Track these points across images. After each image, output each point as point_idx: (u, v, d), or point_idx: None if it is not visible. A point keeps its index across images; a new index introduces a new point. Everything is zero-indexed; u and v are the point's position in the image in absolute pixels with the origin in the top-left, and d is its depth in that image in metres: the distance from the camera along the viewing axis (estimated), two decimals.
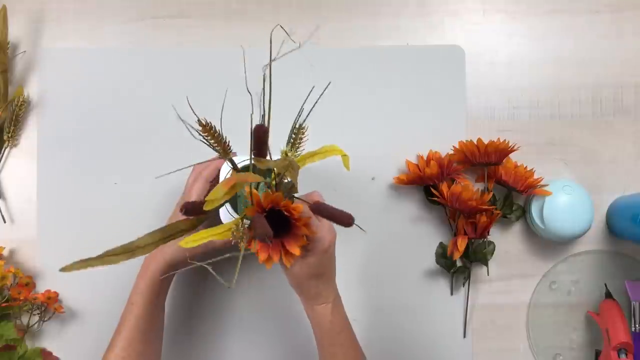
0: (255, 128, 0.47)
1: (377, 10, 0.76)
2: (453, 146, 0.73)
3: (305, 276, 0.55)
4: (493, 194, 0.72)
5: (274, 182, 0.50)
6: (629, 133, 0.76)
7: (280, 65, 0.51)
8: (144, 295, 0.60)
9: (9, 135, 0.73)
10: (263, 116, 0.48)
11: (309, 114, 0.50)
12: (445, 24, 0.76)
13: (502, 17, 0.77)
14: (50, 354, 0.71)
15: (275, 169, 0.49)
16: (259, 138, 0.47)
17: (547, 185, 0.71)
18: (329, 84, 0.53)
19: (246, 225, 0.47)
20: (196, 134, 0.47)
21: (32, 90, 0.74)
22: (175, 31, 0.75)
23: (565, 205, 0.70)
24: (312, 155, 0.50)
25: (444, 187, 0.70)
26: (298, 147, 0.51)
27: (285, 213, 0.47)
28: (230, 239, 0.47)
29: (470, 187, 0.70)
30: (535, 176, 0.71)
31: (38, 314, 0.71)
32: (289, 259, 0.48)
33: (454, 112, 0.75)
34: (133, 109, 0.74)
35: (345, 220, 0.47)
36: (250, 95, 0.48)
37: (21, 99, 0.72)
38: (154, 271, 0.59)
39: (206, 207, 0.44)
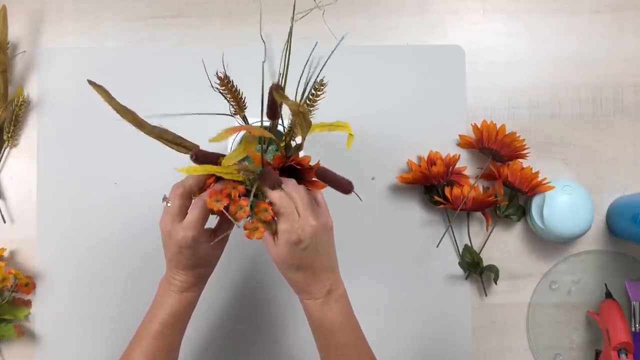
0: (272, 86, 0.46)
1: (376, 10, 0.76)
2: (459, 135, 0.74)
3: (283, 266, 0.52)
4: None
5: (283, 144, 0.51)
6: (629, 133, 0.76)
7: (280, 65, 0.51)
8: (166, 309, 0.56)
9: (9, 135, 0.73)
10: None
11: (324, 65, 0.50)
12: (445, 24, 0.76)
13: (502, 16, 0.77)
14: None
15: (286, 126, 0.50)
16: (274, 100, 0.47)
17: (549, 181, 0.72)
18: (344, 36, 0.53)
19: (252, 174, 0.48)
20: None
21: (32, 90, 0.74)
22: (175, 31, 0.75)
23: (565, 205, 0.70)
24: (322, 125, 0.51)
25: (447, 190, 0.71)
26: (314, 105, 0.50)
27: (297, 166, 0.50)
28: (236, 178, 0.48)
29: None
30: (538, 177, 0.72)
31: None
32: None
33: (454, 112, 0.75)
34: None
35: (345, 186, 0.48)
36: (266, 56, 0.49)
37: (21, 99, 0.72)
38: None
39: (225, 162, 0.45)
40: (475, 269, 0.72)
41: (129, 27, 0.76)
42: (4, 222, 0.73)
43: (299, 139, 0.51)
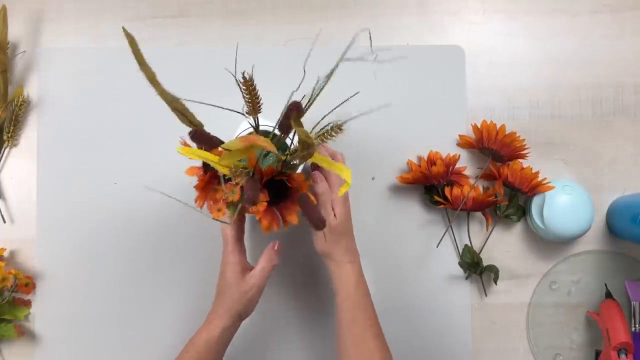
0: (291, 104, 0.48)
1: (377, 10, 0.76)
2: (459, 135, 0.74)
3: (338, 232, 0.60)
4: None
5: (284, 157, 0.51)
6: (629, 133, 0.76)
7: (281, 65, 0.51)
8: (203, 349, 0.58)
9: (9, 135, 0.73)
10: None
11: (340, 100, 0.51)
12: (445, 24, 0.76)
13: (503, 17, 0.77)
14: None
15: (294, 143, 0.51)
16: (289, 113, 0.48)
17: (549, 181, 0.71)
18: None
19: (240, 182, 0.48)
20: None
21: (32, 90, 0.74)
22: (175, 31, 0.75)
23: (565, 205, 0.70)
24: (323, 159, 0.51)
25: (447, 190, 0.71)
26: (324, 140, 0.51)
27: (286, 182, 0.50)
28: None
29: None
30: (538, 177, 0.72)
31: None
32: (286, 224, 0.52)
33: (454, 112, 0.75)
34: (133, 109, 0.74)
35: (317, 223, 0.49)
36: (304, 72, 0.50)
37: (21, 99, 0.72)
38: (217, 326, 0.59)
39: (225, 154, 0.46)
40: (475, 269, 0.72)
41: (129, 27, 0.74)
42: (4, 222, 0.73)
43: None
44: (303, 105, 0.48)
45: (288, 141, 0.59)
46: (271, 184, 0.51)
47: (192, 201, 0.51)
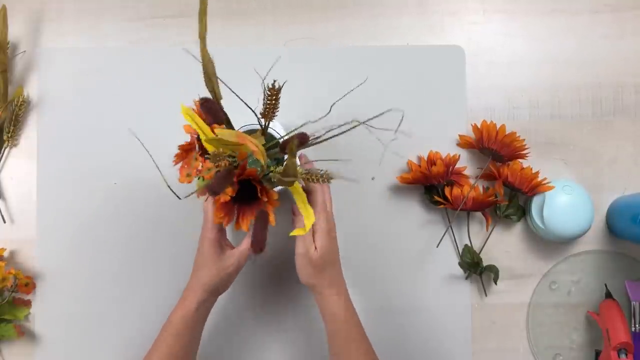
0: (296, 135, 0.49)
1: (377, 10, 0.76)
2: (459, 135, 0.73)
3: (320, 265, 0.58)
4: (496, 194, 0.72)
5: (270, 170, 0.51)
6: (629, 133, 0.76)
7: (281, 65, 0.51)
8: (180, 325, 0.59)
9: (9, 135, 0.73)
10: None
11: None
12: (445, 24, 0.76)
13: (502, 17, 0.77)
14: None
15: (282, 175, 0.50)
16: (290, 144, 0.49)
17: (549, 181, 0.71)
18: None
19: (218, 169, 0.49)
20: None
21: (32, 90, 0.74)
22: (175, 31, 0.75)
23: (565, 205, 0.70)
24: (298, 191, 0.53)
25: (447, 190, 0.71)
26: (309, 180, 0.52)
27: (258, 191, 0.50)
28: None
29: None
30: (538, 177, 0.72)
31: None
32: (236, 226, 0.52)
33: (454, 112, 0.75)
34: (133, 109, 0.74)
35: (255, 245, 0.50)
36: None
37: (21, 99, 0.72)
38: (192, 301, 0.59)
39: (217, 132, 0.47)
40: (475, 269, 0.72)
41: (129, 27, 0.76)
42: (4, 222, 0.73)
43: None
44: (309, 138, 0.50)
45: (276, 133, 0.59)
46: (247, 185, 0.51)
47: (192, 201, 0.51)
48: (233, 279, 0.60)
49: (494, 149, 0.70)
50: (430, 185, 0.73)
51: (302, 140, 0.49)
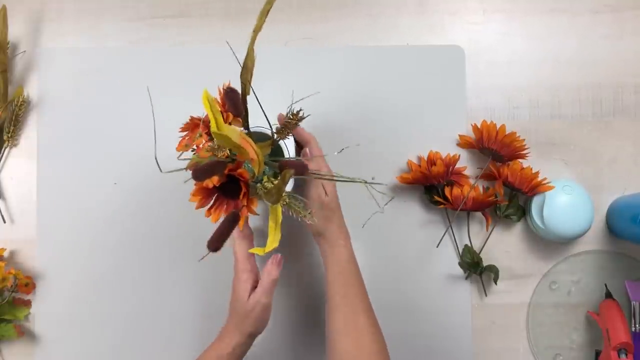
0: (299, 160, 0.51)
1: (377, 10, 0.76)
2: (459, 135, 0.73)
3: (330, 208, 0.61)
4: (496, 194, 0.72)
5: (264, 179, 0.52)
6: (629, 133, 0.76)
7: (281, 65, 0.51)
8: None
9: (9, 135, 0.73)
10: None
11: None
12: (445, 24, 0.76)
13: (502, 16, 0.77)
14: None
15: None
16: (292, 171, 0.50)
17: (549, 181, 0.71)
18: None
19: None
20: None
21: (32, 90, 0.74)
22: (175, 31, 0.75)
23: (565, 205, 0.70)
24: (274, 223, 0.54)
25: (447, 190, 0.71)
26: (289, 206, 0.54)
27: (242, 191, 0.50)
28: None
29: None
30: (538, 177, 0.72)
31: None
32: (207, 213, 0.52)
33: (454, 112, 0.75)
34: (133, 109, 0.74)
35: (210, 243, 0.49)
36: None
37: (21, 99, 0.72)
38: (229, 344, 0.59)
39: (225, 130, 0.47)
40: (475, 269, 0.72)
41: (129, 27, 0.76)
42: (4, 222, 0.73)
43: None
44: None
45: (286, 148, 0.59)
46: (234, 182, 0.51)
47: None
48: (264, 317, 0.60)
49: (494, 149, 0.70)
50: (430, 185, 0.73)
51: (299, 170, 0.49)
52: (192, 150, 0.53)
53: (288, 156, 0.60)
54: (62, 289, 0.72)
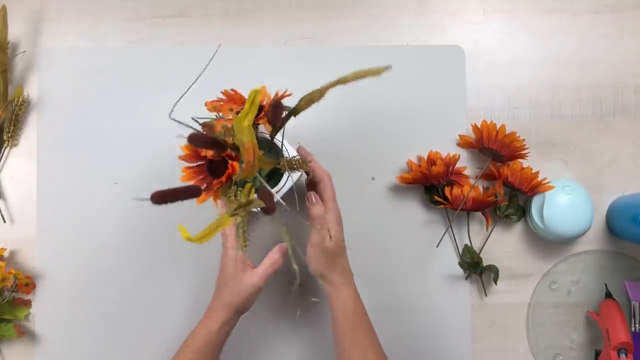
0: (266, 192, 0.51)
1: (377, 10, 0.76)
2: (459, 135, 0.73)
3: (334, 253, 0.60)
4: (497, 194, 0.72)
5: (244, 188, 0.52)
6: (629, 133, 0.76)
7: (281, 65, 0.51)
8: (203, 342, 0.59)
9: (9, 135, 0.73)
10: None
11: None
12: (445, 24, 0.76)
13: (502, 16, 0.77)
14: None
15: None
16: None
17: (549, 181, 0.71)
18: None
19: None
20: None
21: (32, 90, 0.74)
22: (175, 31, 0.75)
23: (565, 205, 0.70)
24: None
25: (447, 190, 0.71)
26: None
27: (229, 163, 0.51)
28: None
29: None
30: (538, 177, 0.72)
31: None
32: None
33: (454, 112, 0.75)
34: (133, 109, 0.74)
35: (157, 197, 0.48)
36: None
37: (21, 99, 0.72)
38: (216, 320, 0.60)
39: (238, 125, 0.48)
40: (475, 269, 0.72)
41: (129, 27, 0.76)
42: (4, 222, 0.73)
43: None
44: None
45: (285, 151, 0.60)
46: (222, 167, 0.51)
47: (192, 202, 0.51)
48: (255, 297, 0.61)
49: (494, 149, 0.70)
50: (430, 185, 0.73)
51: (267, 210, 0.49)
52: (216, 117, 0.53)
53: (287, 155, 0.60)
54: (62, 289, 0.72)
